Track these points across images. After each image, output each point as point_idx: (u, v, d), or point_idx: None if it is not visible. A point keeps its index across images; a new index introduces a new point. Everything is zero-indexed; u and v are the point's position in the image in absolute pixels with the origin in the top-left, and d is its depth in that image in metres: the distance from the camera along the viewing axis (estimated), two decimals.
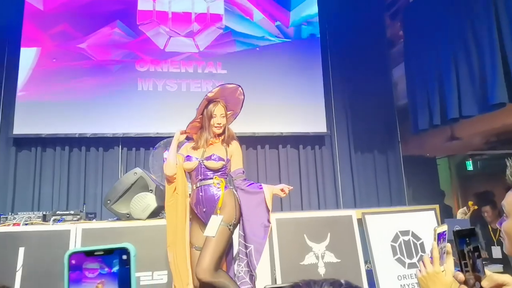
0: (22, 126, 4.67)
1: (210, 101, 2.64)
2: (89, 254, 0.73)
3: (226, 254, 2.59)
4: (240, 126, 4.87)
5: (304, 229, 3.55)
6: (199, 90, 4.88)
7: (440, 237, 1.14)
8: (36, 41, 4.81)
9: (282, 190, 2.58)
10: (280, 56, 5.30)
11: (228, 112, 2.72)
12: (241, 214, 2.56)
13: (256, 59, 5.21)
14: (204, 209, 2.54)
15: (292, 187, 2.62)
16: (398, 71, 5.65)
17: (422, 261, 1.14)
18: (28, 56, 4.76)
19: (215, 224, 2.41)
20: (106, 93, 4.84)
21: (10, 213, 3.48)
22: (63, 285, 2.39)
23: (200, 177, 2.56)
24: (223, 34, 5.18)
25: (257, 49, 5.25)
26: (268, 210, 2.55)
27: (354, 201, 5.35)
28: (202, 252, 2.40)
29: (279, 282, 3.33)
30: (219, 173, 2.58)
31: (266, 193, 2.56)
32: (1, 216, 3.34)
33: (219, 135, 2.66)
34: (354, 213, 3.70)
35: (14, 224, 3.26)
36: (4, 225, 3.26)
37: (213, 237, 2.38)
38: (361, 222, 3.67)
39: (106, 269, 0.74)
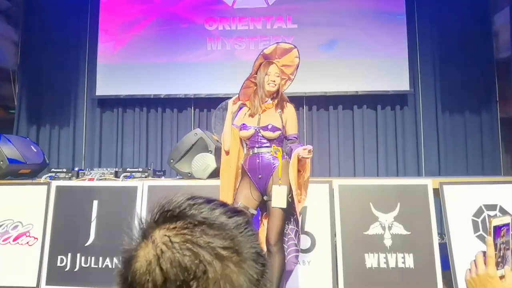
0: (104, 87, 5.01)
1: (266, 58, 2.57)
2: None
3: None
4: (309, 85, 4.67)
5: (370, 197, 3.27)
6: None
7: (498, 231, 0.89)
8: (113, 7, 5.02)
9: (305, 149, 2.40)
10: (357, 4, 4.81)
11: (283, 76, 2.62)
12: None
13: (329, 11, 4.80)
14: (260, 176, 2.52)
15: (311, 147, 2.39)
16: (501, 17, 4.74)
17: (474, 260, 0.91)
18: (107, 22, 5.03)
19: (282, 195, 2.43)
20: (178, 55, 4.94)
21: (87, 169, 3.78)
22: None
23: (257, 145, 2.56)
24: None
25: None
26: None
27: (438, 169, 4.79)
28: (272, 223, 2.44)
29: (339, 249, 3.17)
30: (276, 141, 2.55)
31: (292, 158, 2.44)
32: (79, 171, 3.65)
33: (273, 95, 2.58)
34: (430, 182, 3.29)
35: (89, 179, 3.54)
36: (81, 180, 3.56)
37: (284, 208, 2.42)
38: (438, 192, 3.26)
39: None
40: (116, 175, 3.63)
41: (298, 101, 4.73)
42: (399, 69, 4.78)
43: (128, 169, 3.71)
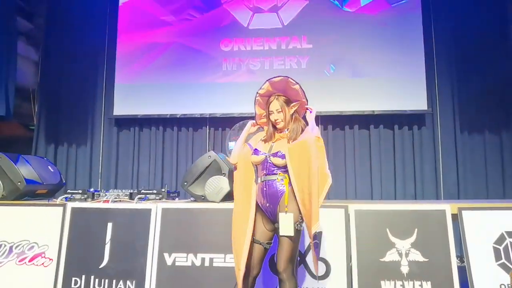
0: (121, 107, 5.10)
1: (269, 96, 2.58)
2: None
3: None
4: (325, 104, 4.64)
5: (386, 223, 3.20)
6: (283, 68, 4.71)
7: None
8: (131, 29, 5.14)
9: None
10: (373, 24, 4.79)
11: (293, 104, 2.58)
12: None
13: (345, 30, 4.79)
14: (267, 204, 2.51)
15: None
16: None
17: None
18: (124, 44, 5.15)
19: (289, 223, 2.40)
20: (194, 75, 5.01)
21: (103, 190, 3.81)
22: (145, 260, 2.48)
23: (265, 172, 2.54)
24: (308, 5, 4.86)
25: (346, 13, 4.79)
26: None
27: (457, 192, 4.67)
28: (280, 250, 2.42)
29: (355, 276, 3.10)
30: (284, 169, 2.50)
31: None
32: (95, 193, 3.68)
33: (282, 130, 2.58)
34: (449, 208, 3.19)
35: (104, 201, 3.56)
36: (96, 202, 3.58)
37: (291, 236, 2.39)
38: (456, 217, 3.16)
39: None
40: (131, 196, 3.64)
41: None
42: (416, 88, 4.72)
43: (142, 191, 3.72)
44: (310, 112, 2.54)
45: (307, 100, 2.60)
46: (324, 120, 4.88)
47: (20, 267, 3.46)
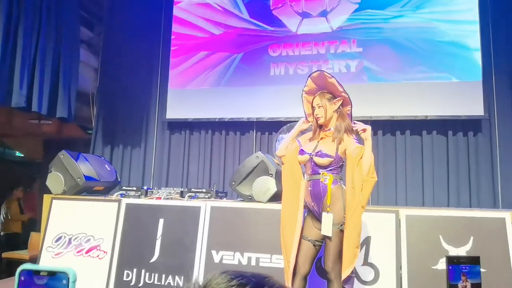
0: (173, 111, 5.30)
1: (309, 94, 2.58)
2: (36, 272, 0.78)
3: None
4: (375, 109, 4.55)
5: (440, 230, 3.07)
6: (331, 72, 4.66)
7: None
8: (182, 38, 5.40)
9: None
10: (427, 25, 4.65)
11: (336, 99, 2.53)
12: None
13: (397, 33, 4.69)
14: (313, 203, 2.52)
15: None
16: None
17: None
18: (177, 50, 5.39)
19: (328, 223, 2.39)
20: (242, 80, 5.09)
21: (155, 188, 3.97)
22: (193, 256, 2.56)
23: (310, 171, 2.54)
24: (358, 9, 4.82)
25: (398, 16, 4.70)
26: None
27: None
28: (326, 250, 2.43)
29: (405, 284, 3.00)
30: (328, 169, 2.48)
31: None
32: (148, 190, 3.85)
33: (325, 127, 2.56)
34: (509, 216, 3.02)
35: (156, 198, 3.71)
36: (149, 198, 3.74)
37: (330, 236, 2.38)
38: None
39: None
40: (182, 194, 3.77)
41: None
42: (472, 92, 4.51)
43: (192, 189, 3.84)
44: (363, 131, 2.43)
45: (347, 95, 2.54)
46: (374, 125, 4.72)
47: (78, 258, 3.66)
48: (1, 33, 3.96)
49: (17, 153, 8.61)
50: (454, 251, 3.00)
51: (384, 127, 4.75)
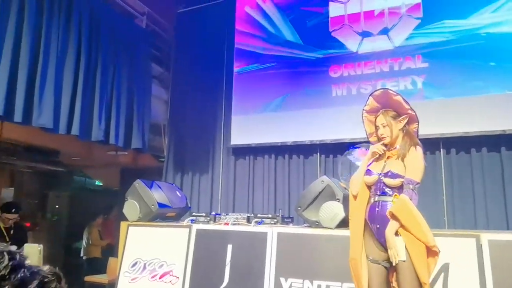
0: (237, 137, 5.45)
1: (376, 112, 2.53)
2: None
3: None
4: (446, 125, 4.29)
5: None
6: (396, 89, 4.51)
7: None
8: (243, 66, 5.60)
9: None
10: (495, 33, 4.33)
11: (401, 118, 2.46)
12: None
13: (464, 45, 4.40)
14: (377, 226, 2.42)
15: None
16: None
17: None
18: (238, 81, 5.61)
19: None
20: (302, 103, 5.10)
21: (223, 213, 4.07)
22: (262, 283, 2.61)
23: (378, 192, 2.46)
24: (421, 24, 4.63)
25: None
26: None
27: None
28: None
29: None
30: (398, 190, 2.39)
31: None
32: (216, 215, 3.95)
33: (391, 146, 2.49)
34: None
35: (224, 223, 3.80)
36: (217, 224, 3.83)
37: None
38: None
39: None
40: (248, 220, 3.82)
41: (433, 144, 4.38)
42: None
43: (258, 215, 3.87)
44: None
45: (414, 112, 2.47)
46: (446, 143, 4.49)
47: (152, 283, 3.83)
48: (82, 74, 4.40)
49: (97, 182, 9.32)
50: None
51: (458, 145, 4.44)
